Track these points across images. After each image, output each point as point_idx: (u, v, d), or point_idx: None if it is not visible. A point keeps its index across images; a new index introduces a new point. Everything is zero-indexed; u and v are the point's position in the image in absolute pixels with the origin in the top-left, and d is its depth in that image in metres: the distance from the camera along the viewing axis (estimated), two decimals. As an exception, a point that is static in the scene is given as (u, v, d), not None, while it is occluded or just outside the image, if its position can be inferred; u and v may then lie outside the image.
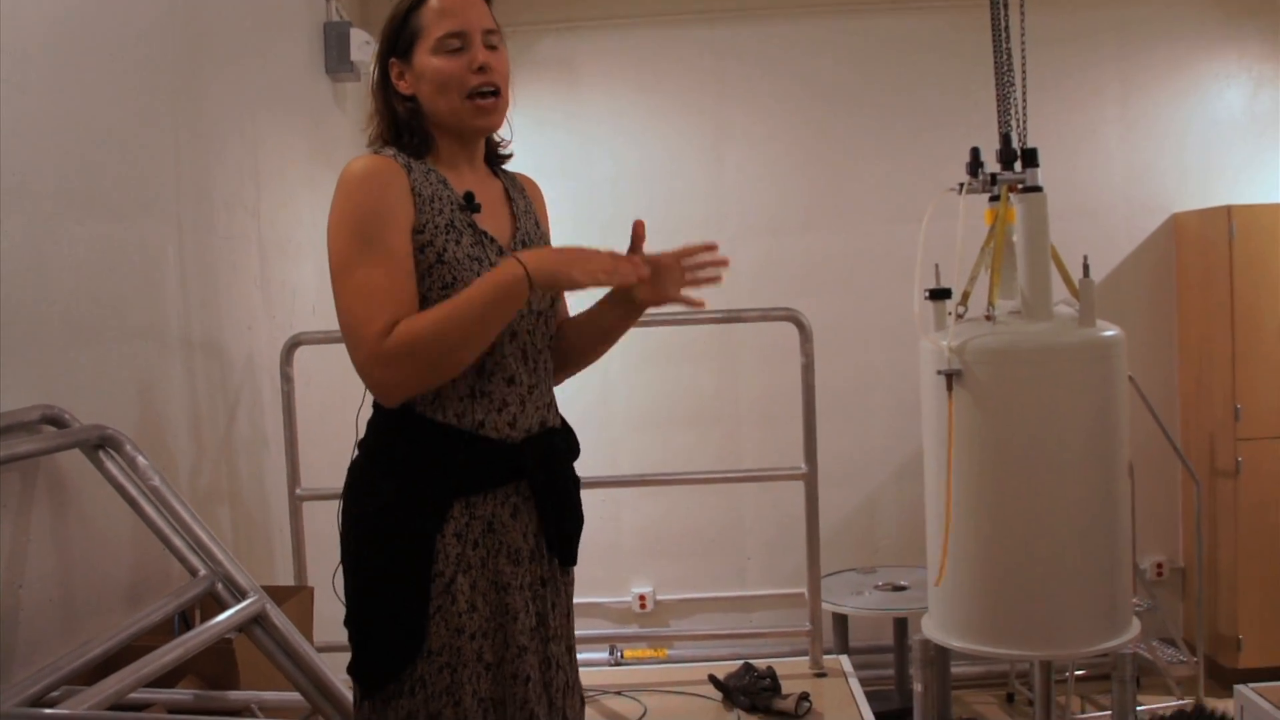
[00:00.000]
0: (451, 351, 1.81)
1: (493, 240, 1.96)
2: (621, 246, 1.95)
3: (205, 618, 2.33)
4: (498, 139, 2.12)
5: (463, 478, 1.90)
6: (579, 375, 2.20)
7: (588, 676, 3.60)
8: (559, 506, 2.00)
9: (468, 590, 1.88)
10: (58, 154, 2.50)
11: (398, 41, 1.97)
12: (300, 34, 4.27)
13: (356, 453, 1.99)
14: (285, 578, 3.63)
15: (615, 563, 5.39)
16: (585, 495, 2.11)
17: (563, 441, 2.04)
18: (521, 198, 2.12)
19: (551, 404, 2.04)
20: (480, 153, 2.07)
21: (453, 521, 1.88)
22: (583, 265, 1.83)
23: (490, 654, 1.91)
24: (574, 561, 2.07)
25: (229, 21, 3.53)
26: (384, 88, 1.99)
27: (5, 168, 2.29)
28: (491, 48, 1.96)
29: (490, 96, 1.95)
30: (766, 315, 3.72)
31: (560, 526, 2.00)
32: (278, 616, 2.32)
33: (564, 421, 2.08)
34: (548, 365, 2.04)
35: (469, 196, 1.95)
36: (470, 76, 1.92)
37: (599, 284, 1.87)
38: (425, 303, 1.85)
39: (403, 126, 1.97)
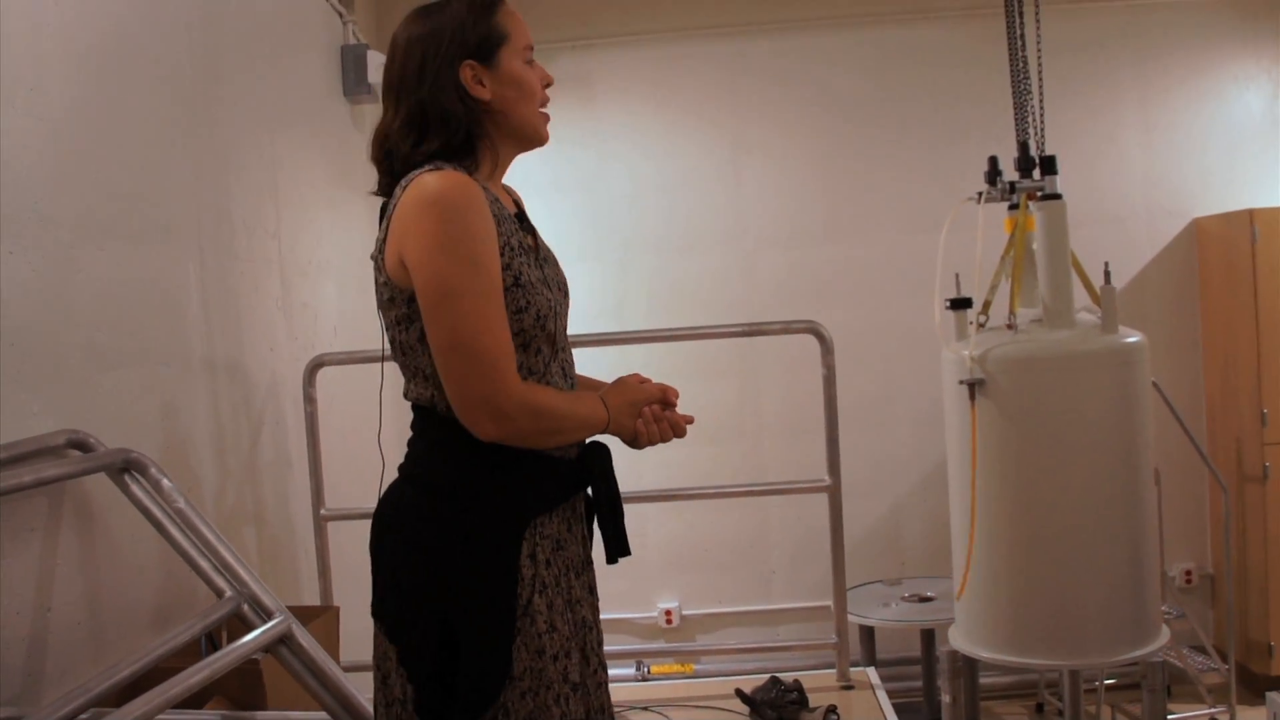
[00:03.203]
0: (551, 435, 1.88)
1: (545, 259, 1.98)
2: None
3: (232, 639, 2.34)
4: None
5: (535, 499, 1.89)
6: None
7: (615, 692, 3.60)
8: (620, 513, 2.02)
9: (545, 610, 1.85)
10: (77, 182, 2.52)
11: (479, 44, 1.89)
12: (317, 57, 4.29)
13: (403, 485, 1.92)
14: (311, 598, 3.64)
15: (641, 578, 5.38)
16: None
17: (607, 451, 2.04)
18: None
19: None
20: None
21: (525, 543, 1.86)
22: (647, 434, 1.98)
23: (574, 672, 1.88)
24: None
25: (246, 46, 3.56)
26: (455, 91, 1.88)
27: (26, 197, 2.31)
28: None
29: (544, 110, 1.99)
30: (787, 328, 3.71)
31: (622, 534, 2.02)
32: (304, 637, 2.33)
33: None
34: (575, 379, 2.05)
35: (521, 216, 1.97)
36: (540, 91, 1.96)
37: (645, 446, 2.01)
38: None
39: (462, 132, 1.88)
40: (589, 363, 4.65)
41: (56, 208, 2.41)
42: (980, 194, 3.40)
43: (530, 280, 1.85)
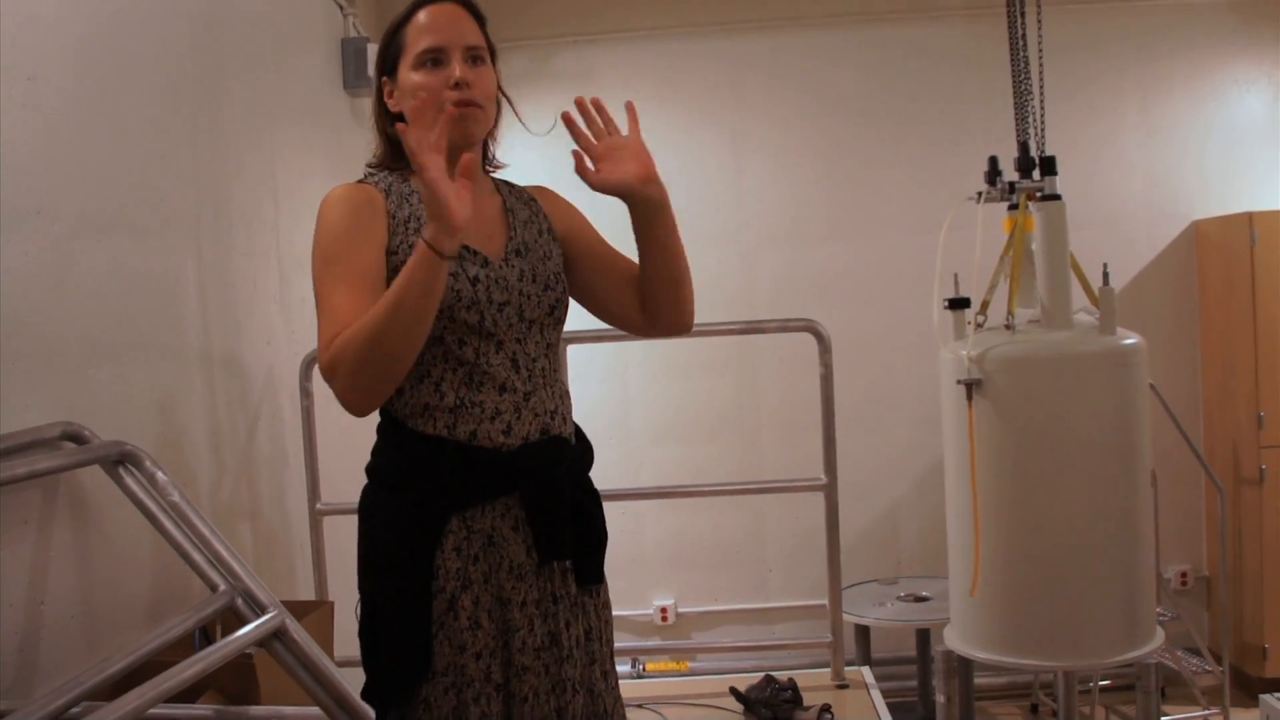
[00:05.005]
0: (381, 339, 1.69)
1: (476, 254, 1.90)
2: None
3: (225, 633, 2.33)
4: (489, 156, 2.11)
5: (457, 490, 1.86)
6: (598, 389, 2.19)
7: (609, 690, 3.60)
8: (554, 517, 1.90)
9: (470, 607, 1.84)
10: (76, 173, 2.51)
11: (385, 59, 1.99)
12: (318, 50, 4.29)
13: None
14: (306, 592, 3.63)
15: (636, 575, 5.38)
16: (606, 508, 2.03)
17: (563, 450, 1.95)
18: (525, 208, 2.10)
19: (557, 411, 1.95)
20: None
21: (451, 536, 1.85)
22: (420, 161, 1.69)
23: (498, 673, 1.86)
24: (596, 580, 1.98)
25: (247, 38, 3.55)
26: (378, 107, 2.04)
27: (24, 188, 2.31)
28: (476, 61, 1.94)
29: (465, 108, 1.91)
30: (785, 326, 3.71)
31: (556, 539, 1.90)
32: (298, 631, 2.32)
33: (578, 431, 2.03)
34: (549, 373, 1.97)
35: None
36: (447, 93, 1.90)
37: (428, 170, 1.68)
38: None
39: (393, 145, 2.00)
40: (587, 359, 4.66)
41: (53, 199, 2.41)
42: (980, 194, 3.41)
43: None
